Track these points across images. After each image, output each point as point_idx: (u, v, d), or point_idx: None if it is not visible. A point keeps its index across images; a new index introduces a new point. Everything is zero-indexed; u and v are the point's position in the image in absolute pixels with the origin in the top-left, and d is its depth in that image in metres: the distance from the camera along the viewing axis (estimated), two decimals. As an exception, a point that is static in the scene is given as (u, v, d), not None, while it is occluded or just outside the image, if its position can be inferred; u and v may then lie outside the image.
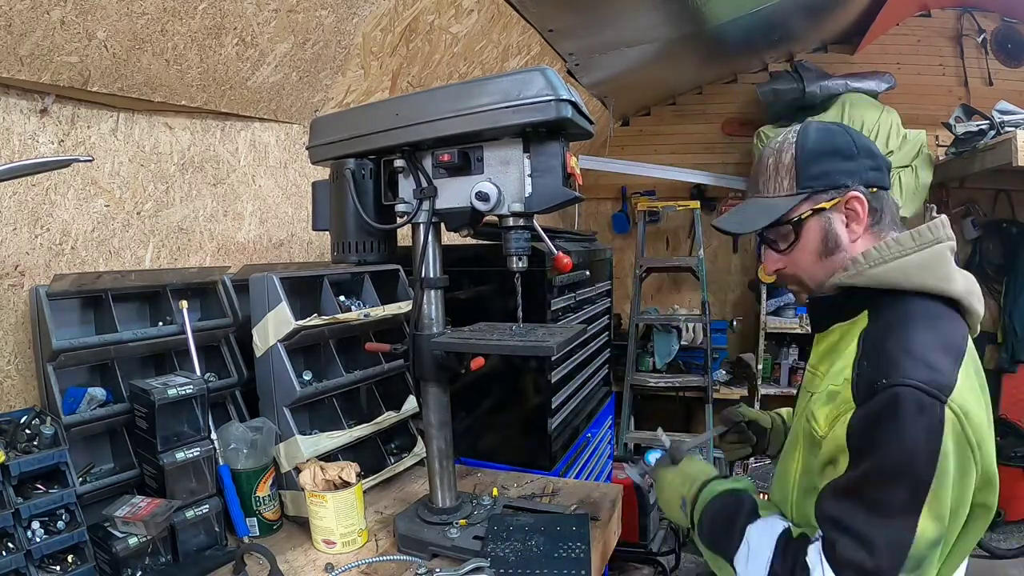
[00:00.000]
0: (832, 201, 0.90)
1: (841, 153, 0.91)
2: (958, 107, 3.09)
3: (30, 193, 1.14)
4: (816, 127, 0.94)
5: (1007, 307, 3.63)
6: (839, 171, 0.90)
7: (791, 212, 0.92)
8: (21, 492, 0.97)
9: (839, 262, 0.91)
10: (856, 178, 0.90)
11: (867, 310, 0.88)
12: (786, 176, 0.92)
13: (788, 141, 0.94)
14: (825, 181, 0.90)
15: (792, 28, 3.35)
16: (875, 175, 0.91)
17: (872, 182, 0.91)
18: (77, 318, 1.18)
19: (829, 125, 0.95)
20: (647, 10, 2.44)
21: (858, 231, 0.91)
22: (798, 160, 0.91)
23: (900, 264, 0.85)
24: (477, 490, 1.32)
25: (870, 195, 0.90)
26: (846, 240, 0.91)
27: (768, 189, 0.95)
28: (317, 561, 1.10)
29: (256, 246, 1.66)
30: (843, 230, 0.91)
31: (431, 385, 1.10)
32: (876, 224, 0.91)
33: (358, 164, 1.05)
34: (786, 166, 0.92)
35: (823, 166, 0.90)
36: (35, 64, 1.06)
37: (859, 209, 0.90)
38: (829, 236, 0.92)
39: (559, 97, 0.88)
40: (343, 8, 1.51)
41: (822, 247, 0.92)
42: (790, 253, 0.95)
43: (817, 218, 0.91)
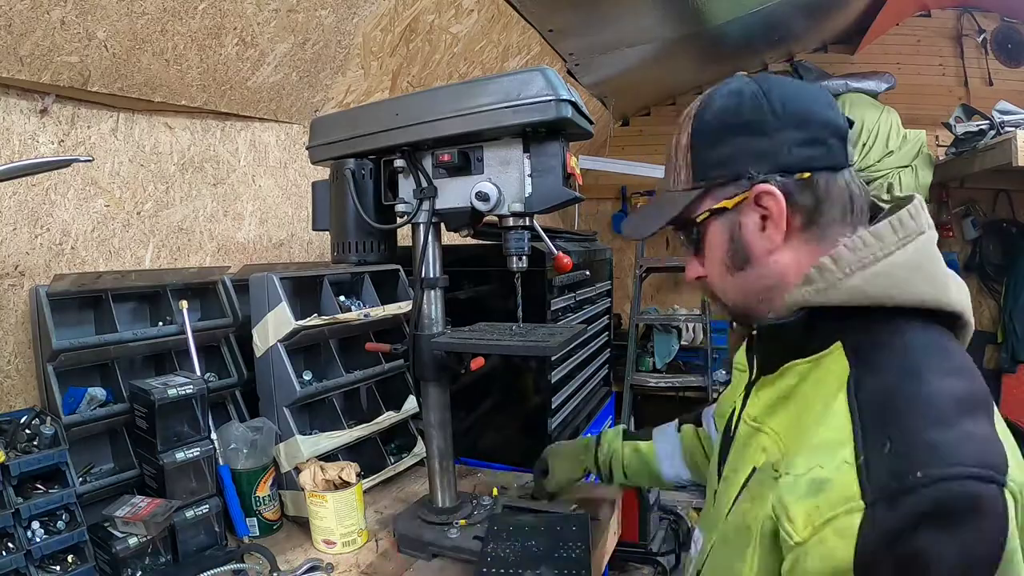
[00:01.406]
0: (735, 198, 0.67)
1: (749, 127, 0.65)
2: (958, 107, 3.10)
3: (30, 193, 1.14)
4: (726, 91, 0.69)
5: (1007, 307, 3.63)
6: (744, 155, 0.66)
7: (687, 211, 0.70)
8: (21, 492, 0.97)
9: (752, 280, 0.69)
10: (767, 163, 0.65)
11: (839, 341, 0.62)
12: (683, 163, 0.70)
13: (687, 115, 0.71)
14: (726, 170, 0.67)
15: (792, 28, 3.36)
16: (806, 152, 0.64)
17: (798, 164, 0.64)
18: (77, 318, 1.18)
19: (745, 85, 0.68)
20: (647, 10, 2.44)
21: (776, 239, 0.66)
22: (694, 142, 0.69)
23: (885, 268, 0.61)
24: (477, 490, 1.32)
25: (794, 184, 0.64)
26: (760, 251, 0.67)
27: (670, 181, 0.73)
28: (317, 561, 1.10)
29: (256, 246, 1.66)
30: (756, 237, 0.67)
31: (431, 385, 1.10)
32: (809, 226, 0.66)
33: (358, 164, 1.05)
34: (682, 150, 0.70)
35: (722, 149, 0.67)
36: (35, 64, 1.06)
37: (772, 207, 0.65)
38: (735, 244, 0.69)
39: (559, 97, 0.88)
40: (343, 8, 1.51)
41: (729, 259, 0.70)
42: (704, 260, 0.74)
43: (720, 220, 0.69)
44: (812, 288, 0.63)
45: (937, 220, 3.69)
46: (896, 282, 0.60)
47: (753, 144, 0.66)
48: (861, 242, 0.62)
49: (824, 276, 0.63)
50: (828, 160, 0.65)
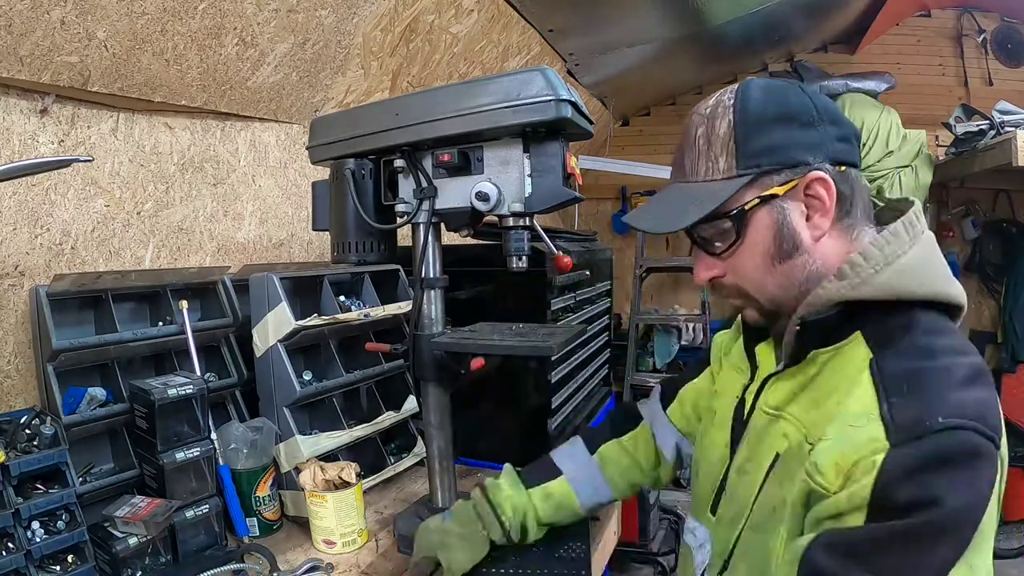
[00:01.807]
0: (787, 185, 0.67)
1: (798, 118, 0.68)
2: (958, 107, 3.10)
3: (30, 193, 1.14)
4: (761, 85, 0.70)
5: (1007, 307, 3.63)
6: (795, 143, 0.67)
7: (731, 202, 0.69)
8: (21, 492, 0.96)
9: (798, 268, 0.70)
10: (819, 152, 0.67)
11: (860, 332, 0.66)
12: (722, 152, 0.69)
13: (724, 104, 0.70)
14: (776, 157, 0.67)
15: (792, 28, 3.36)
16: (843, 148, 0.69)
17: (840, 157, 0.68)
18: (77, 318, 1.18)
19: (778, 82, 0.71)
20: (647, 10, 2.44)
21: (823, 225, 0.69)
22: (738, 129, 0.68)
23: (905, 265, 0.65)
24: (477, 490, 1.32)
25: (838, 175, 0.68)
26: (807, 239, 0.69)
27: (698, 171, 0.72)
28: (317, 561, 1.10)
29: (256, 246, 1.66)
30: (803, 224, 0.69)
31: (431, 385, 1.10)
32: (846, 215, 0.70)
33: (358, 164, 1.05)
34: (722, 138, 0.69)
35: (773, 137, 0.67)
36: (35, 64, 1.06)
37: (824, 195, 0.67)
38: (784, 233, 0.69)
39: (559, 97, 0.88)
40: (343, 8, 1.51)
41: (775, 248, 0.70)
42: (730, 256, 0.72)
43: (767, 208, 0.69)
44: (847, 283, 0.66)
45: (937, 220, 3.71)
46: (916, 276, 0.65)
47: (802, 134, 0.68)
48: (884, 241, 0.66)
49: (856, 271, 0.66)
50: (855, 158, 0.71)
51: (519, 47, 2.38)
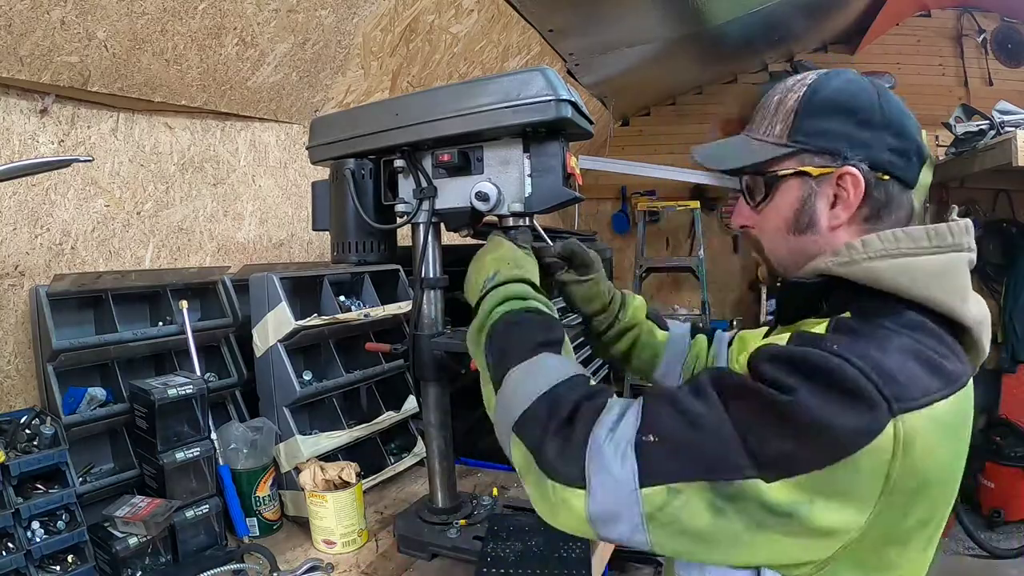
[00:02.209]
0: (821, 169, 0.72)
1: (857, 115, 0.71)
2: (958, 107, 3.10)
3: (30, 193, 1.14)
4: (847, 77, 0.74)
5: (1007, 307, 3.63)
6: (844, 136, 0.71)
7: (771, 164, 0.75)
8: (21, 492, 0.97)
9: (808, 244, 0.74)
10: (863, 152, 0.70)
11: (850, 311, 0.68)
12: (781, 121, 0.75)
13: (804, 82, 0.76)
14: (822, 142, 0.72)
15: (792, 28, 3.36)
16: (894, 159, 0.71)
17: (886, 165, 0.70)
18: (77, 318, 1.18)
19: (863, 80, 0.74)
20: (647, 10, 2.44)
21: (842, 217, 0.72)
22: (802, 107, 0.73)
23: (908, 264, 0.66)
24: (477, 490, 1.32)
25: (874, 179, 0.71)
26: (824, 223, 0.73)
27: (759, 129, 0.78)
28: (317, 561, 1.11)
29: (256, 246, 1.66)
30: (825, 209, 0.73)
31: (431, 385, 1.09)
32: (871, 219, 0.72)
33: (358, 164, 1.05)
34: (787, 109, 0.75)
35: (827, 123, 0.72)
36: (35, 64, 1.06)
37: (851, 191, 0.71)
38: (805, 209, 0.74)
39: (559, 97, 0.88)
40: (343, 8, 1.51)
41: (793, 219, 0.75)
42: (760, 212, 0.79)
43: (798, 182, 0.74)
44: (836, 260, 0.69)
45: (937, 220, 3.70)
46: (913, 279, 0.65)
47: (856, 131, 0.71)
48: (892, 236, 0.67)
49: (849, 253, 0.68)
50: (906, 173, 0.72)
51: (519, 47, 2.38)
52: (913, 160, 0.72)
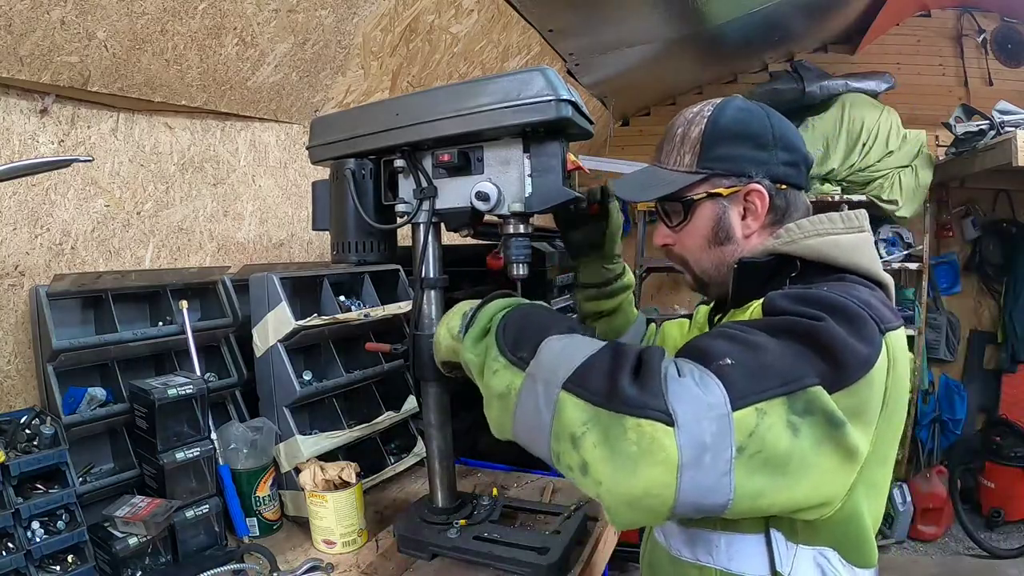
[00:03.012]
0: (730, 189, 0.84)
1: (754, 139, 0.84)
2: (958, 107, 3.10)
3: (30, 193, 1.14)
4: (737, 105, 0.86)
5: (1007, 307, 3.63)
6: (746, 158, 0.84)
7: (685, 190, 0.86)
8: (21, 492, 0.97)
9: (728, 253, 0.86)
10: (763, 170, 0.84)
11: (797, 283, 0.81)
12: (689, 151, 0.86)
13: (702, 114, 0.87)
14: (727, 166, 0.84)
15: (792, 28, 3.35)
16: (788, 171, 0.85)
17: (782, 178, 0.85)
18: (77, 318, 1.18)
19: (753, 106, 0.87)
20: (647, 10, 2.44)
21: (753, 226, 0.85)
22: (705, 137, 0.85)
23: (836, 240, 0.80)
24: (477, 490, 1.32)
25: (775, 191, 0.84)
26: (739, 233, 0.86)
27: (669, 160, 0.89)
28: (317, 561, 1.10)
29: (256, 246, 1.66)
30: (737, 222, 0.86)
31: (431, 385, 1.10)
32: (777, 222, 0.85)
33: (358, 164, 1.05)
34: (691, 140, 0.86)
35: (730, 149, 0.84)
36: (35, 64, 1.06)
37: (758, 204, 0.84)
38: (721, 225, 0.86)
39: (559, 97, 0.88)
40: (343, 8, 1.51)
41: (711, 235, 0.87)
42: (679, 232, 0.90)
43: (711, 203, 0.86)
44: (780, 241, 0.82)
45: (937, 220, 3.71)
46: (842, 250, 0.79)
47: (753, 153, 0.84)
48: (818, 220, 0.82)
49: (789, 233, 0.82)
50: (799, 181, 0.87)
51: (519, 47, 2.38)
52: (802, 168, 0.87)
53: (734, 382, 0.59)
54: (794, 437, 0.58)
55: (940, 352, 3.71)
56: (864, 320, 0.66)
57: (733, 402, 0.58)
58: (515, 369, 0.69)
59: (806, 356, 0.62)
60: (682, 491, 0.56)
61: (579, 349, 0.65)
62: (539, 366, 0.66)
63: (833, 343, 0.62)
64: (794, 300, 0.68)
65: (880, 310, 0.69)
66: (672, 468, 0.55)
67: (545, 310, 0.81)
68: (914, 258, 3.50)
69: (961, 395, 3.67)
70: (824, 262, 0.79)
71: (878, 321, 0.67)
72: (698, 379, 0.59)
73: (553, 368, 0.65)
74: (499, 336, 0.74)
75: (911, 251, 3.51)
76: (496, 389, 0.71)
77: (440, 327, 0.89)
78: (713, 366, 0.60)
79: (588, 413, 0.60)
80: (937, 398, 3.70)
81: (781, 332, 0.64)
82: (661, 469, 0.56)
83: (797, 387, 0.60)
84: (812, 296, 0.69)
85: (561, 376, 0.63)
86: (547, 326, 0.72)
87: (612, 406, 0.58)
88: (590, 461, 0.59)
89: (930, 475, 3.46)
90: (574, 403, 0.61)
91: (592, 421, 0.59)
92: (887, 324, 0.68)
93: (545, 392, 0.64)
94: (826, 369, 0.61)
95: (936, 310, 3.71)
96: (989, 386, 3.73)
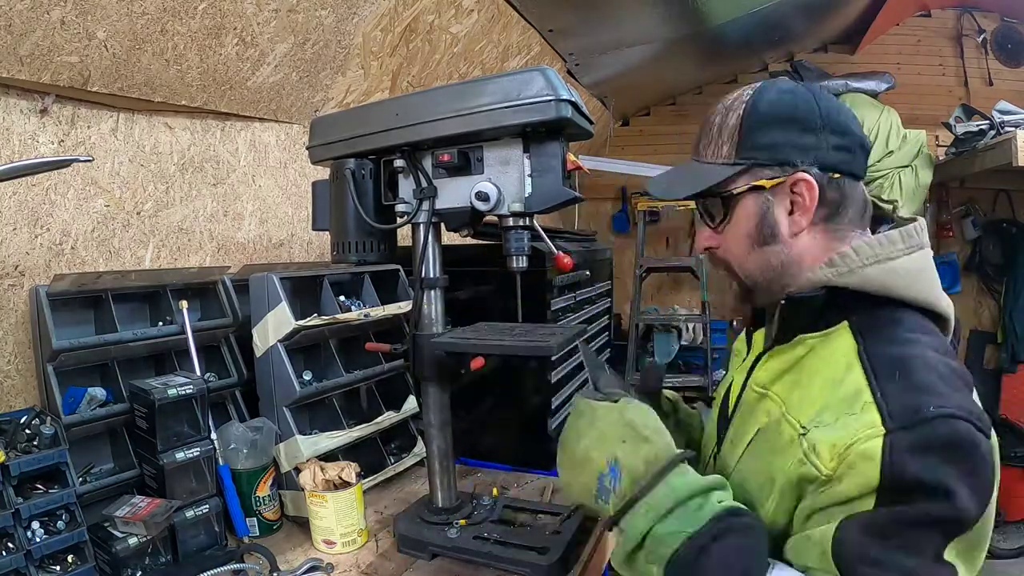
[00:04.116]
0: (774, 180, 0.74)
1: (800, 123, 0.73)
2: (958, 107, 3.10)
3: (30, 193, 1.14)
4: (780, 87, 0.76)
5: (1007, 307, 3.63)
6: (790, 144, 0.73)
7: (725, 184, 0.76)
8: (21, 492, 0.96)
9: (773, 255, 0.76)
10: (810, 156, 0.73)
11: (847, 321, 0.72)
12: (727, 141, 0.77)
13: (740, 99, 0.77)
14: (770, 154, 0.74)
15: (792, 28, 3.36)
16: (840, 156, 0.74)
17: (834, 164, 0.73)
18: (77, 318, 1.18)
19: (797, 87, 0.76)
20: (647, 10, 2.44)
21: (802, 223, 0.74)
22: (744, 124, 0.75)
23: (894, 267, 0.71)
24: (477, 490, 1.32)
25: (826, 180, 0.73)
26: (785, 231, 0.75)
27: (706, 153, 0.80)
28: (317, 561, 1.10)
29: (256, 246, 1.66)
30: (784, 218, 0.75)
31: (431, 385, 1.09)
32: (831, 219, 0.75)
33: (358, 164, 1.05)
34: (730, 129, 0.76)
35: (772, 135, 0.74)
36: (35, 64, 1.06)
37: (806, 195, 0.73)
38: (765, 222, 0.76)
39: (559, 97, 0.88)
40: (343, 8, 1.51)
41: (755, 233, 0.76)
42: (722, 232, 0.80)
43: (755, 197, 0.76)
44: (834, 271, 0.72)
45: (937, 220, 3.71)
46: (903, 279, 0.71)
47: (801, 138, 0.74)
48: (877, 242, 0.72)
49: (846, 262, 0.72)
50: (855, 168, 0.76)
51: (519, 47, 2.38)
52: (858, 153, 0.76)
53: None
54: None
55: (940, 352, 3.70)
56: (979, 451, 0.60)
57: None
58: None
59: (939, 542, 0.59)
60: None
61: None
62: None
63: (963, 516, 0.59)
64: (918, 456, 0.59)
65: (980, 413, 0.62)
66: None
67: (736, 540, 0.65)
68: (914, 258, 3.50)
69: (961, 395, 3.67)
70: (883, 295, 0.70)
71: (984, 429, 0.61)
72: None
73: None
74: None
75: (911, 251, 3.50)
76: None
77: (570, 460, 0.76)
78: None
79: None
80: (937, 398, 3.70)
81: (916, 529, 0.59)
82: None
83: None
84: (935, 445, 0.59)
85: None
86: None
87: None
88: None
89: (930, 475, 3.45)
90: None
91: None
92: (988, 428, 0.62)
93: None
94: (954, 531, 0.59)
95: (936, 310, 3.70)
96: (989, 386, 3.73)
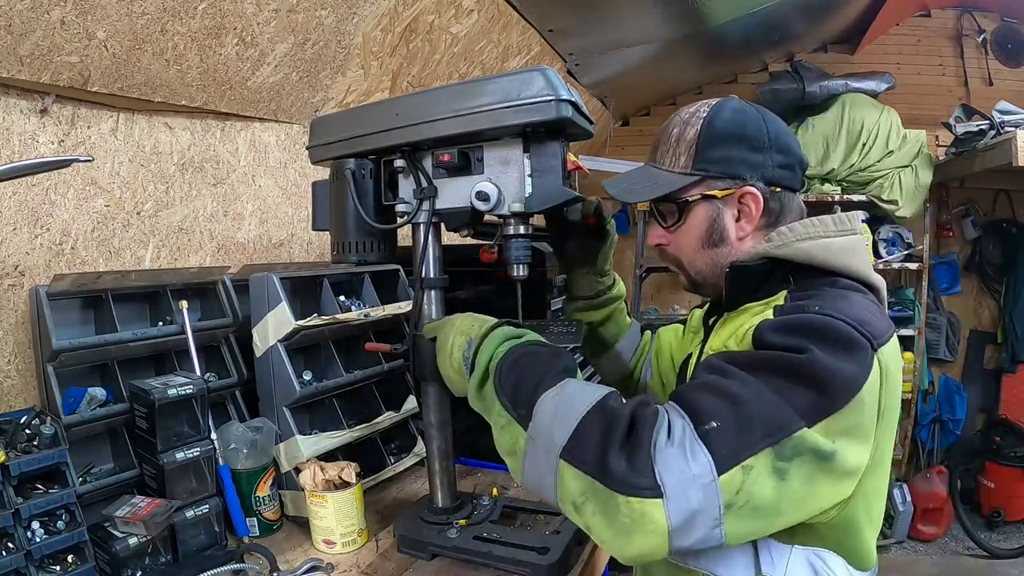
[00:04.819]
0: (725, 191, 0.85)
1: (749, 142, 0.84)
2: (958, 107, 3.10)
3: (30, 193, 1.14)
4: (733, 107, 0.87)
5: (1007, 307, 3.63)
6: (741, 161, 0.84)
7: (680, 191, 0.87)
8: (21, 492, 0.97)
9: (721, 255, 0.87)
10: (758, 173, 0.84)
11: (786, 291, 0.81)
12: (684, 152, 0.86)
13: (698, 115, 0.87)
14: (723, 168, 0.84)
15: (792, 28, 3.35)
16: (782, 173, 0.85)
17: (777, 180, 0.85)
18: (77, 318, 1.18)
19: (748, 108, 0.87)
20: (647, 10, 2.44)
21: (747, 229, 0.86)
22: (700, 139, 0.85)
23: (827, 243, 0.80)
24: (477, 490, 1.32)
25: (770, 193, 0.85)
26: (732, 235, 0.87)
27: (664, 161, 0.89)
28: (317, 561, 1.10)
29: (256, 246, 1.66)
30: (732, 224, 0.86)
31: (431, 385, 1.10)
32: (771, 226, 0.86)
33: (358, 164, 1.05)
34: (687, 142, 0.86)
35: (725, 151, 0.84)
36: (35, 64, 1.06)
37: (752, 207, 0.85)
38: (715, 227, 0.87)
39: (559, 97, 0.88)
40: (343, 8, 1.51)
41: (705, 236, 0.87)
42: (674, 232, 0.91)
43: (706, 205, 0.86)
44: (772, 244, 0.83)
45: (937, 220, 3.71)
46: (833, 253, 0.80)
47: (748, 155, 0.84)
48: (811, 223, 0.83)
49: (781, 237, 0.82)
50: (794, 183, 0.88)
51: (519, 47, 2.38)
52: (797, 171, 0.88)
53: (720, 447, 0.61)
54: (781, 481, 0.62)
55: (940, 352, 3.71)
56: (853, 342, 0.66)
57: (719, 467, 0.60)
58: (518, 427, 0.73)
59: (790, 393, 0.63)
60: (675, 548, 0.61)
61: (572, 408, 0.67)
62: (537, 430, 0.70)
63: (817, 373, 0.63)
64: (781, 331, 0.69)
65: (873, 324, 0.69)
66: (663, 534, 0.60)
67: (537, 349, 0.80)
68: (914, 258, 3.50)
69: (961, 395, 3.68)
70: (815, 265, 0.80)
71: (870, 338, 0.67)
72: (688, 449, 0.61)
73: (550, 434, 0.68)
74: (498, 388, 0.76)
75: (911, 251, 3.51)
76: (504, 445, 0.75)
77: (442, 356, 0.90)
78: (700, 431, 0.62)
79: (584, 483, 0.64)
80: (937, 398, 3.70)
81: (764, 370, 0.66)
82: (653, 537, 0.61)
83: (782, 436, 0.62)
84: (800, 324, 0.69)
85: (558, 444, 0.66)
86: (540, 374, 0.74)
87: (604, 481, 0.62)
88: (592, 526, 0.65)
89: (930, 475, 3.46)
90: (572, 473, 0.65)
91: (589, 491, 0.64)
92: (880, 340, 0.68)
93: (546, 459, 0.67)
94: (812, 399, 0.63)
95: (936, 310, 3.71)
96: (989, 386, 3.73)
